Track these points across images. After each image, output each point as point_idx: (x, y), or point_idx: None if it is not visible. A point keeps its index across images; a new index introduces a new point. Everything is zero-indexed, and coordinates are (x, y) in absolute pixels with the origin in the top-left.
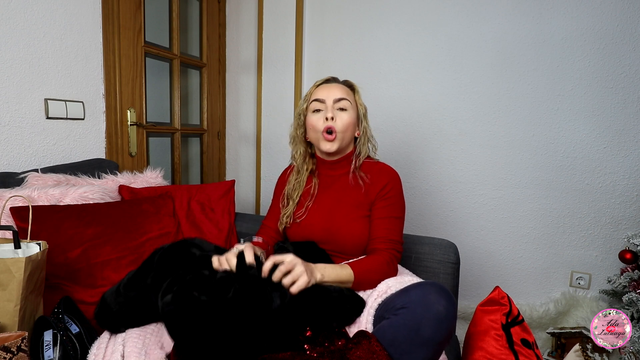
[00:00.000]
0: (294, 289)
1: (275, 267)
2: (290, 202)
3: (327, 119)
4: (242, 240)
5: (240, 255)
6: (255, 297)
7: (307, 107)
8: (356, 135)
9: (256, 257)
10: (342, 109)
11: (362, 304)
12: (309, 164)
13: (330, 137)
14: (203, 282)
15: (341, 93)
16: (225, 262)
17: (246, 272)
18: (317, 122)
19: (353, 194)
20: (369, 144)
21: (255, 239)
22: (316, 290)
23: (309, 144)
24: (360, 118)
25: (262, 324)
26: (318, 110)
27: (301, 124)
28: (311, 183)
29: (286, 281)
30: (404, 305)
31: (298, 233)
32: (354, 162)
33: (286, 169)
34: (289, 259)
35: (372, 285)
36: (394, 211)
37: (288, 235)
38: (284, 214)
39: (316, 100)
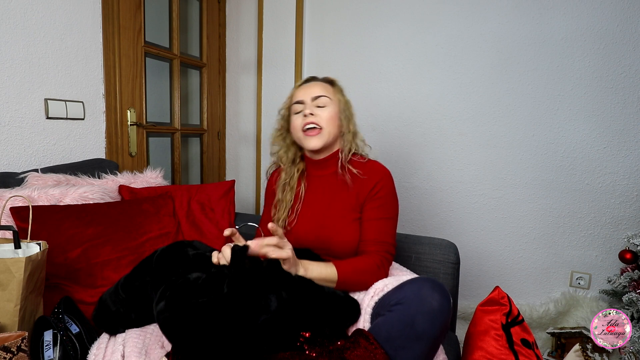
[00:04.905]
0: (274, 255)
1: (271, 264)
2: (284, 205)
3: (305, 115)
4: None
5: (234, 249)
6: (250, 294)
7: (289, 110)
8: (341, 129)
9: (252, 257)
10: (320, 106)
11: (356, 308)
12: (299, 166)
13: (311, 132)
14: (195, 285)
15: (319, 91)
16: (222, 256)
17: (240, 264)
18: (297, 121)
19: (343, 197)
20: (357, 140)
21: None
22: (308, 287)
23: (299, 146)
24: (341, 113)
25: (258, 323)
26: (298, 112)
27: (286, 126)
28: (300, 186)
29: (272, 252)
30: (399, 301)
31: (290, 241)
32: (340, 158)
33: (273, 173)
34: (284, 240)
35: (361, 287)
36: (385, 212)
37: None
38: (277, 218)
39: (296, 102)
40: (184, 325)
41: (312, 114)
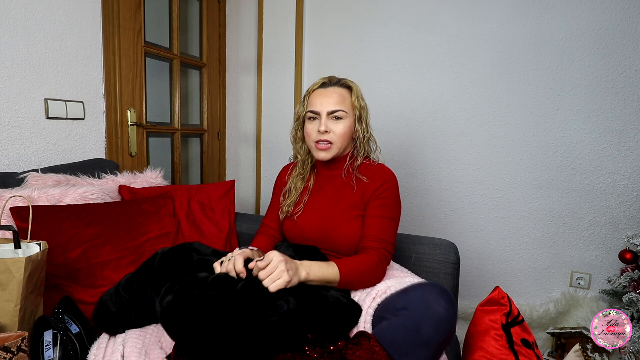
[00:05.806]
0: (272, 288)
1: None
2: (294, 192)
3: (319, 131)
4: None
5: (248, 262)
6: (262, 294)
7: (304, 113)
8: (354, 136)
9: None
10: (337, 118)
11: (358, 312)
12: (313, 158)
13: (323, 147)
14: (204, 282)
15: (335, 103)
16: (232, 266)
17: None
18: (311, 131)
19: (349, 194)
20: (369, 145)
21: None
22: (313, 295)
23: None
24: (356, 120)
25: (266, 322)
26: (313, 118)
27: (300, 127)
28: (310, 181)
29: (266, 282)
30: (404, 306)
31: (294, 232)
32: (348, 162)
33: (287, 166)
34: (274, 260)
35: (361, 285)
36: (388, 212)
37: (284, 232)
38: (285, 203)
39: (311, 111)
40: (192, 318)
41: (326, 131)
